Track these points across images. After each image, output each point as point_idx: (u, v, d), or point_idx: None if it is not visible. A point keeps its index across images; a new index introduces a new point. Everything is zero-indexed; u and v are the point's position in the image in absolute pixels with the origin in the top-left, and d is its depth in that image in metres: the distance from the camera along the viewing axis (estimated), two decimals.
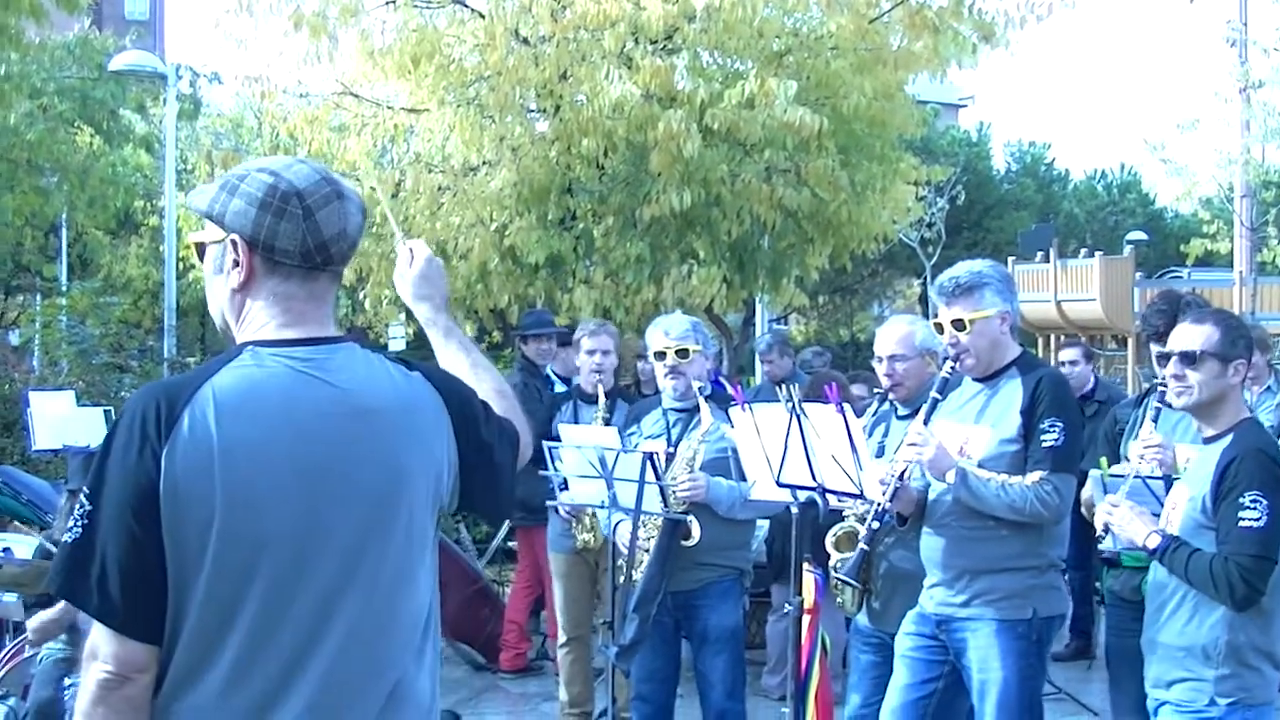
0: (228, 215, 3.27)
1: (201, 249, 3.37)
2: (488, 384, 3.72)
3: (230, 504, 3.08)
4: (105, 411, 13.48)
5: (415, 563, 3.34)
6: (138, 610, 3.09)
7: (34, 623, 7.50)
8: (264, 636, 3.12)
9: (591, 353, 9.42)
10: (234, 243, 3.28)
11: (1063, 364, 12.45)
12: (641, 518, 7.42)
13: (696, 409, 7.72)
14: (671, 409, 7.84)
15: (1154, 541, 5.40)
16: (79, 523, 3.11)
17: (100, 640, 3.11)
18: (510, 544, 13.21)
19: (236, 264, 3.29)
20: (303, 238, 3.24)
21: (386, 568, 3.26)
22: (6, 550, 8.52)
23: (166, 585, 3.09)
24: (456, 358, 3.79)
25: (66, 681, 7.38)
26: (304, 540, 3.15)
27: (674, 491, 7.37)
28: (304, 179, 3.25)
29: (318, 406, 3.21)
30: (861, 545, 6.39)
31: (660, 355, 7.79)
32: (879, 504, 6.22)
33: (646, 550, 7.54)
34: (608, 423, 8.79)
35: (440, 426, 3.40)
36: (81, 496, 3.13)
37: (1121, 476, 5.94)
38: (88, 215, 25.94)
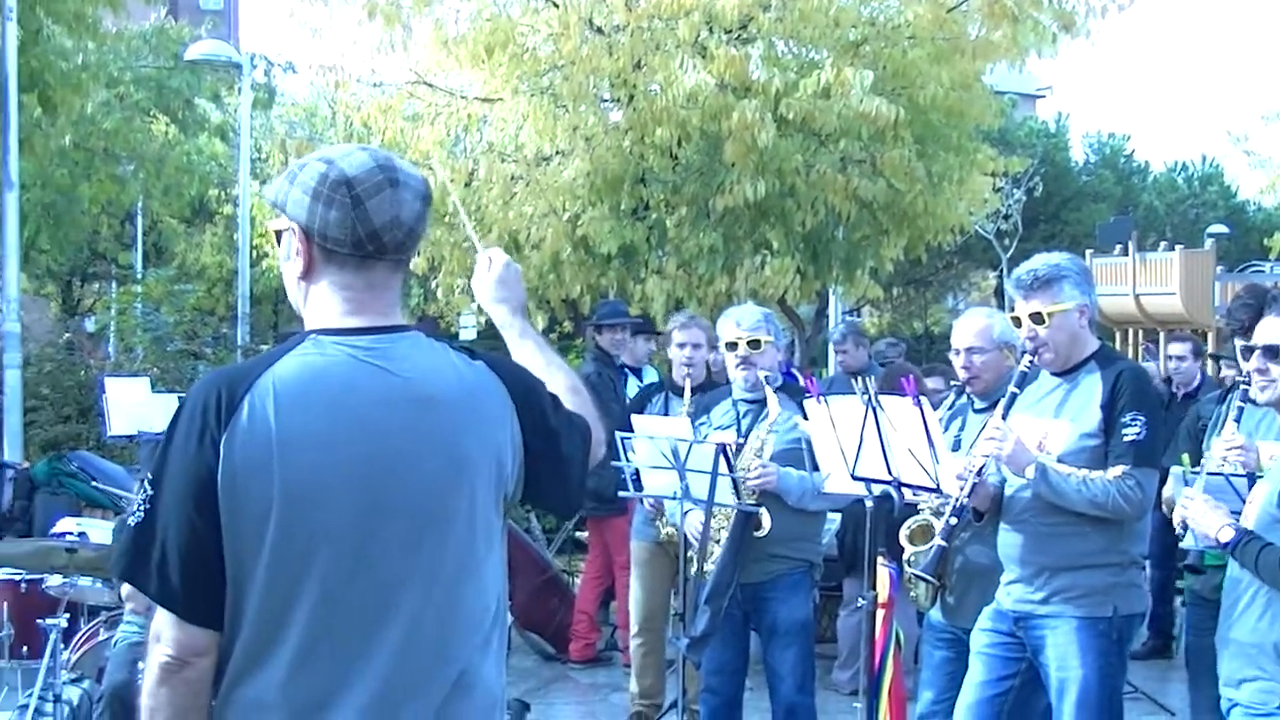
0: (288, 204, 3.27)
1: (279, 236, 3.36)
2: (562, 381, 3.67)
3: (288, 494, 3.08)
4: (179, 398, 13.52)
5: (480, 553, 3.30)
6: (197, 596, 3.10)
7: (127, 587, 7.54)
8: (325, 626, 3.10)
9: (682, 345, 9.31)
10: (294, 232, 3.28)
11: (1170, 358, 12.26)
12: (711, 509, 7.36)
13: (767, 400, 7.66)
14: (742, 400, 7.76)
15: (1226, 535, 5.28)
16: (141, 507, 3.14)
17: (162, 624, 3.15)
18: (580, 534, 13.18)
19: (298, 252, 3.29)
20: (352, 226, 3.20)
21: (448, 558, 3.23)
22: (82, 535, 8.58)
23: (224, 573, 3.10)
24: (531, 356, 3.74)
25: (140, 665, 7.36)
26: (363, 531, 3.13)
27: (745, 482, 7.31)
28: (357, 167, 3.21)
29: (379, 395, 3.19)
30: (939, 541, 6.29)
31: (731, 346, 7.72)
32: (957, 500, 6.12)
33: (716, 542, 7.48)
34: (694, 418, 8.69)
35: (504, 415, 3.35)
36: (145, 481, 3.16)
37: (1208, 474, 5.82)
38: (163, 203, 26.14)
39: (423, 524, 3.19)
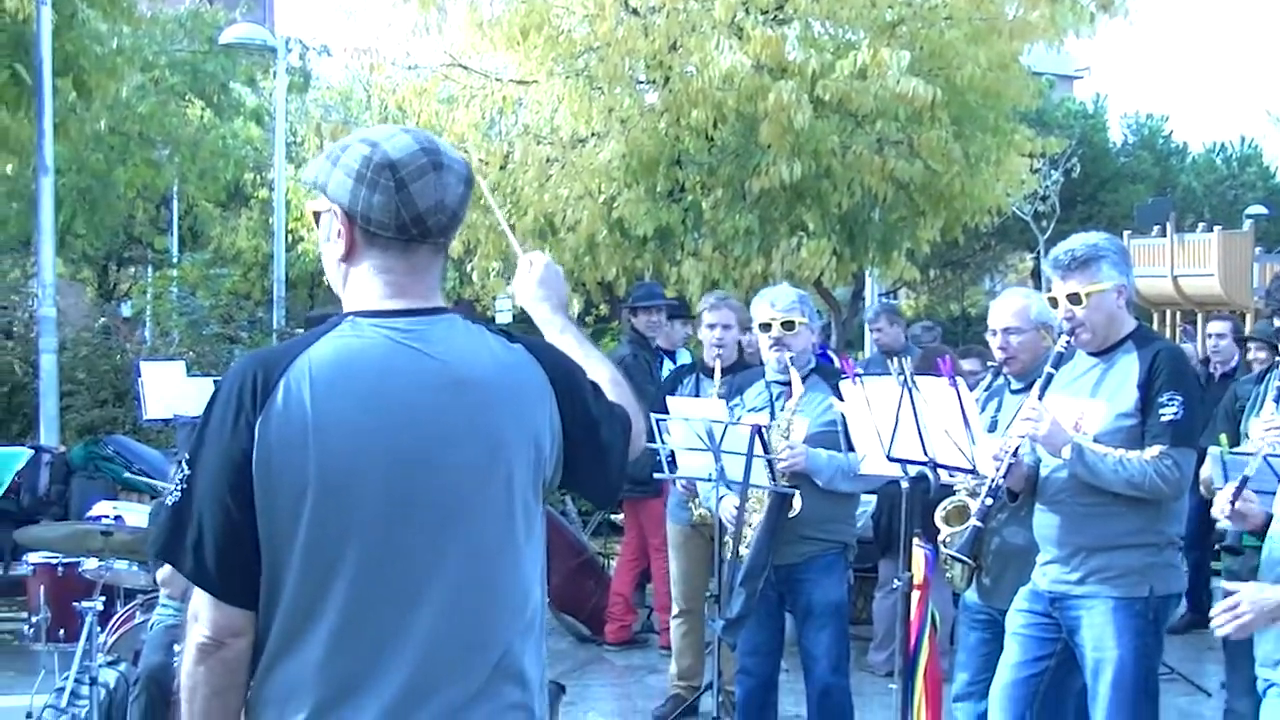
0: (330, 185, 3.24)
1: (318, 217, 3.35)
2: (604, 374, 3.64)
3: (323, 477, 3.07)
4: (215, 382, 13.56)
5: (518, 537, 3.28)
6: (232, 577, 3.11)
7: (163, 573, 7.56)
8: (360, 608, 3.10)
9: (713, 326, 9.29)
10: (335, 214, 3.26)
11: (1210, 336, 12.24)
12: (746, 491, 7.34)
13: (801, 382, 7.65)
14: (775, 381, 7.74)
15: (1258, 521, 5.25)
16: (178, 487, 3.14)
17: (199, 604, 3.15)
18: (616, 516, 13.18)
19: (339, 234, 3.27)
20: (396, 210, 3.18)
21: (486, 541, 3.21)
22: (118, 518, 8.59)
23: (260, 555, 3.10)
24: (571, 348, 3.70)
25: (177, 647, 7.38)
26: (398, 513, 3.12)
27: (777, 463, 7.28)
28: (400, 150, 3.19)
29: (415, 378, 3.17)
30: (974, 521, 6.26)
31: (765, 327, 7.68)
32: (992, 480, 6.09)
33: (749, 525, 7.46)
34: (726, 399, 8.67)
35: (543, 399, 3.33)
36: (182, 462, 3.16)
37: (1244, 455, 5.79)
38: (198, 188, 26.18)
39: (458, 507, 3.18)
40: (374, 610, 3.11)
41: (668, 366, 11.02)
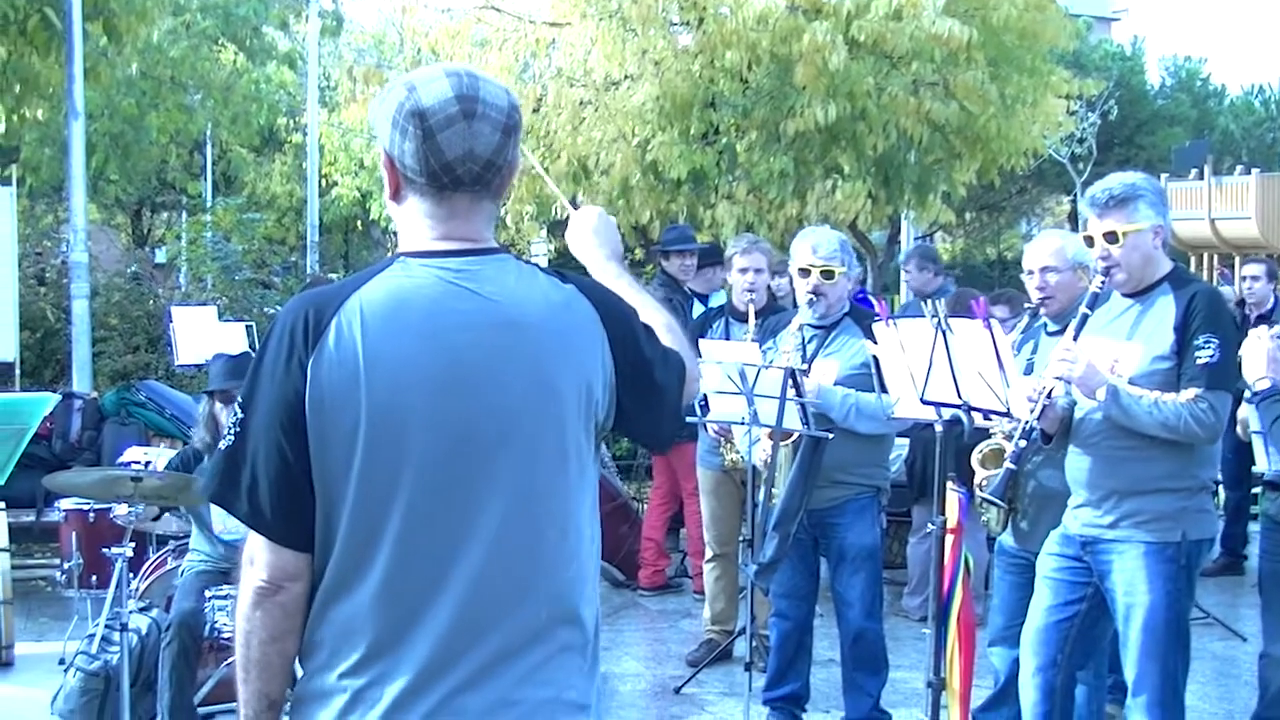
0: (376, 127, 3.26)
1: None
2: (657, 319, 3.60)
3: (375, 416, 3.06)
4: (247, 327, 13.60)
5: (571, 480, 3.26)
6: (288, 519, 3.11)
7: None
8: (412, 547, 3.09)
9: (744, 271, 9.22)
10: (381, 156, 3.28)
11: (1245, 279, 12.21)
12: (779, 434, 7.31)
13: (834, 326, 7.61)
14: (808, 324, 7.69)
15: None
16: (232, 430, 3.15)
17: (255, 548, 3.15)
18: (648, 460, 13.16)
19: (388, 175, 3.28)
20: (425, 159, 3.16)
21: (537, 481, 3.19)
22: (149, 464, 8.60)
23: (314, 496, 3.10)
24: (626, 295, 3.66)
25: (208, 594, 7.44)
26: (448, 453, 3.11)
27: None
28: (433, 97, 3.15)
29: (467, 317, 3.15)
30: (1008, 464, 6.21)
31: (804, 273, 7.63)
32: (1026, 422, 6.05)
33: (780, 469, 7.43)
34: (760, 341, 8.62)
35: (595, 340, 3.29)
36: (236, 405, 3.16)
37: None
38: (231, 132, 26.09)
39: (509, 447, 3.16)
40: (426, 549, 3.10)
41: (700, 310, 10.96)
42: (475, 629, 3.10)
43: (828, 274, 7.55)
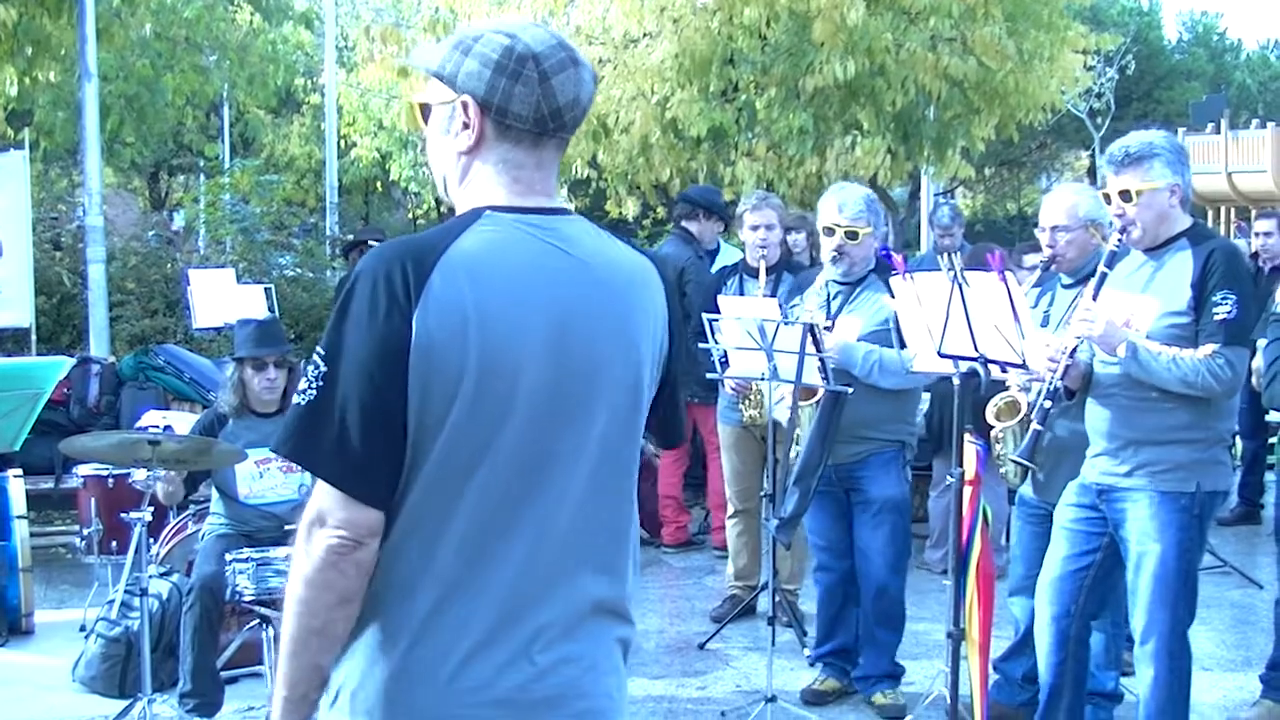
0: (460, 75, 3.18)
1: (426, 110, 3.30)
2: None
3: (481, 366, 3.01)
4: (266, 289, 13.59)
5: (636, 442, 3.28)
6: (375, 474, 3.03)
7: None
8: (495, 501, 3.06)
9: (755, 228, 9.25)
10: (465, 105, 3.19)
11: (1258, 235, 12.24)
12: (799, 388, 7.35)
13: (859, 283, 7.65)
14: (833, 280, 7.73)
15: None
16: (314, 385, 3.03)
17: (331, 505, 3.03)
18: None
19: (466, 126, 3.20)
20: (537, 103, 3.14)
21: (616, 443, 3.21)
22: (168, 428, 8.54)
23: (404, 452, 3.04)
24: None
25: (229, 557, 7.40)
26: (542, 408, 3.09)
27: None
28: (541, 43, 3.15)
29: (561, 274, 3.14)
30: (1035, 426, 6.25)
31: (829, 231, 7.65)
32: (1050, 382, 6.10)
33: (799, 425, 7.48)
34: (786, 299, 8.62)
35: (662, 309, 3.32)
36: (317, 359, 3.05)
37: None
38: (248, 94, 25.94)
39: (599, 404, 3.16)
40: (508, 503, 3.07)
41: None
42: (547, 580, 3.11)
43: (851, 234, 7.58)
